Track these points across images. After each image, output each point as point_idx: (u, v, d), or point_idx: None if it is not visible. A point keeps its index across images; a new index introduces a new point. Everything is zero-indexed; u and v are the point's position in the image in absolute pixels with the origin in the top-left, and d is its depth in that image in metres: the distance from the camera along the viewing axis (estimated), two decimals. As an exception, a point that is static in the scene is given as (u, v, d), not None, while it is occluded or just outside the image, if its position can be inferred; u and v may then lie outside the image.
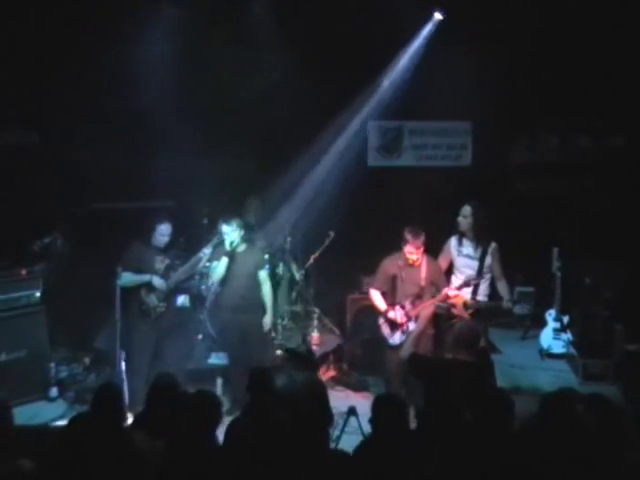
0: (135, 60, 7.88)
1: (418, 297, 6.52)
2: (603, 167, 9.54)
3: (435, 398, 4.65)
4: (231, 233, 6.64)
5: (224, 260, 6.67)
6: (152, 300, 6.69)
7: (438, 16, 8.47)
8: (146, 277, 6.64)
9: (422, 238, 6.44)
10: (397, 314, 6.50)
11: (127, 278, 6.53)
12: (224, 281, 6.81)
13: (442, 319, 6.66)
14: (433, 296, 6.55)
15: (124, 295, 6.53)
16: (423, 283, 6.53)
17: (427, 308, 6.46)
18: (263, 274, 6.96)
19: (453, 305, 6.48)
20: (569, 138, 9.59)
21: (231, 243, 6.64)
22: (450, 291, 6.47)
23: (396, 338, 6.55)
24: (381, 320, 6.65)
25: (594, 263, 8.54)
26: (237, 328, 6.74)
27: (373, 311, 6.87)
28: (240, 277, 6.75)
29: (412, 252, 6.44)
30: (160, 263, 6.76)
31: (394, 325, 6.53)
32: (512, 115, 9.28)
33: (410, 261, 6.48)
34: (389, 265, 6.66)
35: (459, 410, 4.40)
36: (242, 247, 6.80)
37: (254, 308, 6.84)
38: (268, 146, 8.76)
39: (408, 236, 6.44)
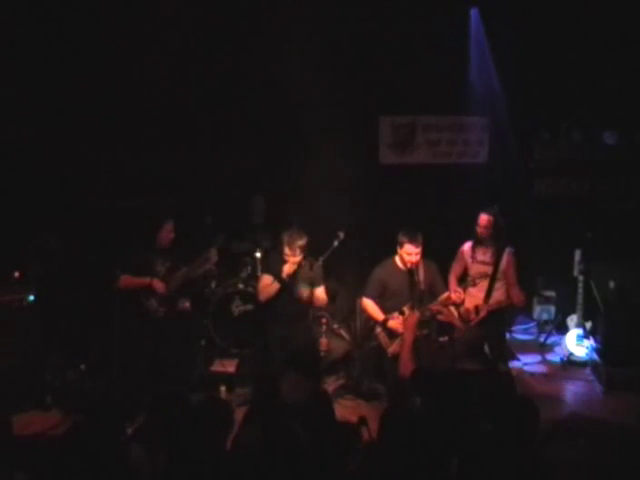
0: (135, 49, 7.64)
1: (419, 302, 6.26)
2: (630, 165, 9.16)
3: (451, 411, 4.44)
4: (291, 259, 6.23)
5: (275, 285, 6.30)
6: (152, 304, 6.56)
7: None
8: (146, 280, 6.49)
9: (420, 239, 6.17)
10: (396, 322, 6.26)
11: (126, 281, 6.43)
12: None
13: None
14: (435, 298, 6.32)
15: (123, 298, 6.43)
16: (422, 287, 6.25)
17: (410, 317, 6.10)
18: (320, 290, 6.54)
19: (440, 312, 6.25)
20: (594, 134, 9.19)
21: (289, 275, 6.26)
22: (454, 293, 6.25)
23: (396, 347, 6.30)
24: (378, 329, 6.41)
25: (619, 266, 8.28)
26: (280, 340, 6.41)
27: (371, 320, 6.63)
28: (291, 294, 6.37)
29: (411, 253, 6.15)
30: (161, 265, 6.62)
31: (392, 334, 6.31)
32: (533, 110, 8.95)
33: (409, 264, 6.16)
34: (382, 272, 6.41)
35: (479, 421, 4.30)
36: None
37: (301, 321, 6.55)
38: (275, 143, 8.50)
39: (404, 238, 6.20)
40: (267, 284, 6.38)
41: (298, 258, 6.22)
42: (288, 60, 7.86)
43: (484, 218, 6.68)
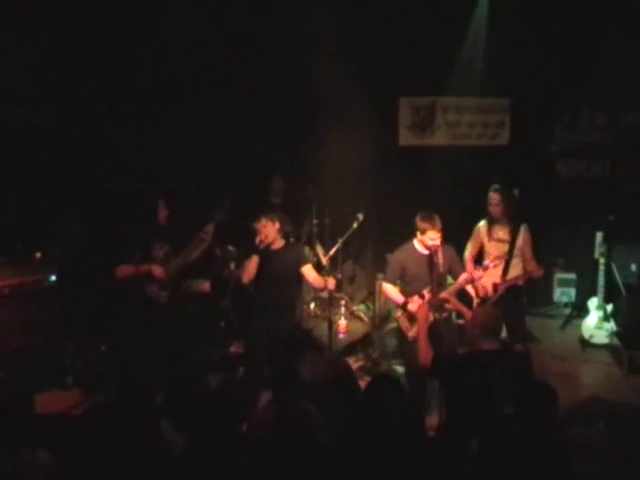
0: (158, 31, 7.63)
1: (438, 285, 6.21)
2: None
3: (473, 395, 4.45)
4: (262, 229, 6.15)
5: (254, 259, 6.14)
6: (153, 290, 6.39)
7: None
8: (144, 267, 6.28)
9: (439, 223, 6.11)
10: (417, 305, 6.16)
11: (123, 272, 6.26)
12: (257, 280, 6.24)
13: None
14: (455, 280, 6.28)
15: (127, 285, 6.27)
16: (442, 270, 6.22)
17: (421, 308, 5.95)
18: (307, 268, 6.35)
19: (448, 300, 6.14)
20: (615, 116, 9.07)
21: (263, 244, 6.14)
22: (476, 273, 6.16)
23: (417, 331, 6.12)
24: (398, 313, 6.36)
25: (640, 249, 8.21)
26: (265, 332, 6.18)
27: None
28: (275, 278, 6.17)
29: (434, 238, 6.10)
30: (159, 250, 6.43)
31: (412, 317, 6.22)
32: (554, 91, 8.81)
33: (432, 248, 6.15)
34: (402, 256, 6.34)
35: (499, 403, 4.27)
36: (279, 244, 6.28)
37: (286, 311, 6.30)
38: (294, 124, 8.46)
39: (424, 224, 6.10)
40: (247, 263, 6.25)
41: (269, 228, 6.13)
42: (308, 42, 7.78)
43: (494, 196, 6.64)
